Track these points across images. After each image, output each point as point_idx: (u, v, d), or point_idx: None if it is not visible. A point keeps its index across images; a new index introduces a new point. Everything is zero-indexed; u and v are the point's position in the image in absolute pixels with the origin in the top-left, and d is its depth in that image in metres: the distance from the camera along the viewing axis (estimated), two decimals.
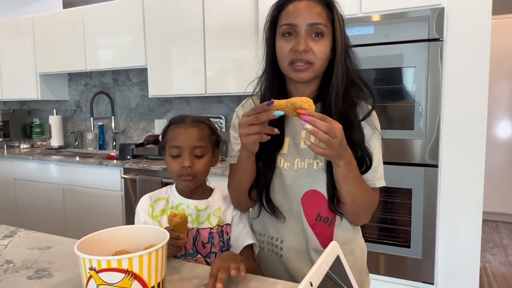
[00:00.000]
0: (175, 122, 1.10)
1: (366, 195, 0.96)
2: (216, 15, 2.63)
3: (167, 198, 1.13)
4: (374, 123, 0.99)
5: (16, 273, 0.95)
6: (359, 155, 0.95)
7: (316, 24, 0.92)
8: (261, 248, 1.08)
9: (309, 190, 0.99)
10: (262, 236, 1.08)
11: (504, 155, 4.08)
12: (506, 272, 2.98)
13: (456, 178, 1.92)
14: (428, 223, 1.96)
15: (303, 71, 0.94)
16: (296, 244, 1.02)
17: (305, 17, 0.92)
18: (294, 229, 1.02)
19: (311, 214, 1.00)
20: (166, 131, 1.11)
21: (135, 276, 0.69)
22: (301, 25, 0.92)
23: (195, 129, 1.08)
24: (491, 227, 4.01)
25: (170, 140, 1.08)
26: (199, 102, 3.17)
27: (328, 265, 0.51)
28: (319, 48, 0.92)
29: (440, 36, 1.86)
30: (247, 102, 1.13)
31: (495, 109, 4.04)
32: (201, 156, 1.07)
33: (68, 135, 3.85)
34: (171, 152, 1.07)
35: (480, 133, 1.86)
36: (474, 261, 1.91)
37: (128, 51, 3.01)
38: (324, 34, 0.93)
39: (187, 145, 1.06)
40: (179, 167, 1.05)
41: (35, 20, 3.41)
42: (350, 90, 0.97)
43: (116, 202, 2.82)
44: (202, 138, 1.08)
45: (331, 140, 0.80)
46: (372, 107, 0.99)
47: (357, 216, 1.01)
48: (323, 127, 0.79)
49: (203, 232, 1.08)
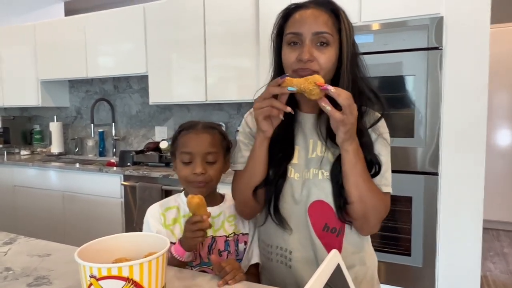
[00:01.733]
0: (186, 128, 1.09)
1: (374, 194, 0.94)
2: (217, 23, 2.65)
3: (177, 207, 1.11)
4: (381, 130, 0.99)
5: (15, 280, 0.95)
6: (368, 159, 0.94)
7: (321, 33, 0.91)
8: (270, 259, 1.05)
9: (315, 201, 0.97)
10: (270, 247, 1.05)
11: (504, 163, 4.08)
12: (507, 280, 2.96)
13: (456, 186, 1.91)
14: (429, 231, 1.95)
15: None
16: (305, 255, 0.99)
17: (310, 26, 0.91)
18: (302, 240, 0.99)
19: (318, 224, 0.98)
20: (176, 137, 1.10)
21: (136, 284, 0.69)
22: (306, 34, 0.91)
23: (207, 135, 1.07)
24: (492, 235, 3.99)
25: (182, 146, 1.06)
26: (199, 110, 3.18)
27: (328, 274, 0.51)
28: (324, 57, 0.91)
29: (440, 44, 1.88)
30: None
31: (495, 117, 4.05)
32: (213, 162, 1.06)
33: (69, 141, 3.86)
34: (183, 158, 1.05)
35: (480, 141, 1.86)
36: (475, 269, 1.90)
37: (129, 58, 3.02)
38: (329, 43, 0.92)
39: (199, 151, 1.04)
40: (191, 174, 1.04)
41: (37, 27, 3.43)
42: (357, 98, 0.93)
43: (116, 209, 2.81)
44: (214, 144, 1.06)
45: (352, 105, 0.82)
46: (381, 115, 0.98)
47: (365, 220, 0.96)
48: (344, 94, 0.83)
49: (219, 240, 1.07)
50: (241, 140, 1.09)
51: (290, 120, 0.99)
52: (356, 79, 0.95)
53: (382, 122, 0.99)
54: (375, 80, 2.01)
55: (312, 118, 1.01)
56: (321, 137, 0.98)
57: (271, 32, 1.01)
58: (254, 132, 1.05)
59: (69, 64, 3.30)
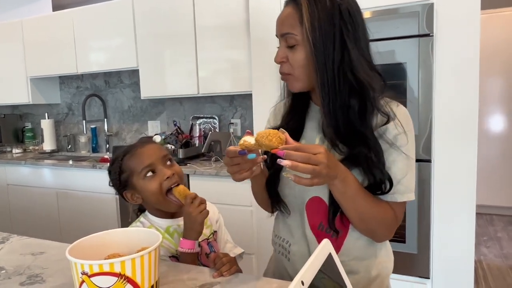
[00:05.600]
0: (127, 152, 1.07)
1: (376, 211, 0.86)
2: (207, 15, 2.62)
3: (152, 225, 1.09)
4: (397, 129, 0.87)
5: (8, 279, 0.94)
6: (372, 178, 0.85)
7: (286, 34, 0.86)
8: (276, 251, 1.05)
9: (313, 197, 0.93)
10: (276, 238, 1.05)
11: (497, 148, 4.11)
12: (501, 264, 3.00)
13: (449, 172, 1.93)
14: (423, 218, 1.97)
15: (287, 81, 0.91)
16: (301, 249, 0.97)
17: (278, 28, 0.88)
18: (299, 233, 0.97)
19: (314, 221, 0.94)
20: (120, 166, 1.07)
21: (128, 279, 0.69)
22: (278, 37, 0.89)
23: (150, 145, 1.09)
24: (486, 220, 4.04)
25: (137, 166, 1.04)
26: (192, 103, 3.16)
27: (320, 263, 0.51)
28: (294, 57, 0.86)
29: (431, 31, 1.87)
30: (279, 104, 1.07)
31: (487, 103, 4.07)
32: (171, 163, 1.08)
33: (61, 138, 3.83)
34: (145, 174, 1.03)
35: (473, 127, 1.87)
36: (469, 254, 1.92)
37: (119, 53, 2.99)
38: (297, 42, 0.84)
39: (157, 158, 1.05)
40: (163, 181, 1.02)
41: (24, 24, 3.37)
42: (353, 95, 0.84)
43: (110, 205, 2.80)
44: (162, 149, 1.09)
45: (316, 168, 0.72)
46: (388, 119, 0.86)
47: (371, 233, 0.91)
48: (300, 158, 0.71)
49: (203, 244, 1.08)
50: None
51: (303, 110, 0.97)
52: (344, 72, 0.83)
53: (400, 115, 0.89)
54: None
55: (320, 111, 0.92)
56: (327, 136, 0.89)
57: None
58: None
59: (59, 60, 3.25)
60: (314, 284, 0.48)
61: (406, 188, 0.88)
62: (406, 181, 0.87)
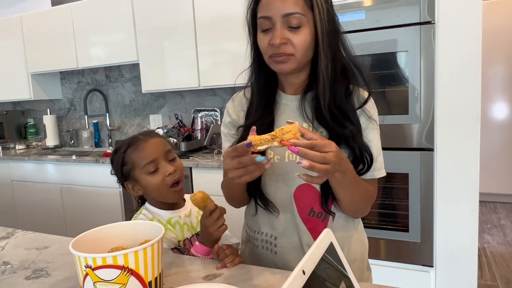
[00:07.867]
0: (130, 145, 1.07)
1: (364, 193, 0.92)
2: (206, 7, 2.60)
3: (153, 218, 1.08)
4: (370, 111, 0.94)
5: (13, 274, 0.95)
6: (358, 154, 0.90)
7: (291, 14, 0.84)
8: (256, 246, 1.04)
9: (302, 184, 0.94)
10: (257, 234, 1.04)
11: (499, 136, 4.09)
12: (504, 251, 3.01)
13: (452, 161, 1.92)
14: (426, 206, 1.97)
15: (283, 62, 0.89)
16: (290, 240, 0.98)
17: (279, 8, 0.85)
18: (288, 225, 0.97)
19: (304, 209, 0.95)
20: (123, 158, 1.07)
21: (132, 272, 0.69)
22: (276, 17, 0.86)
23: (155, 139, 1.08)
24: (489, 208, 4.04)
25: (139, 160, 1.04)
26: (193, 96, 3.16)
27: (321, 252, 0.51)
28: (298, 38, 0.86)
29: (432, 19, 1.85)
30: (237, 96, 1.09)
31: (490, 91, 4.04)
32: (174, 159, 1.08)
33: (63, 134, 3.84)
34: (148, 169, 1.04)
35: (475, 115, 1.86)
36: (472, 242, 1.92)
37: (119, 47, 2.98)
38: (302, 23, 0.85)
39: (160, 153, 1.05)
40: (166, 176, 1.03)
41: (24, 19, 3.36)
42: (342, 77, 0.91)
43: (114, 199, 2.82)
44: (165, 144, 1.09)
45: (328, 168, 0.72)
46: (369, 95, 0.94)
47: (355, 213, 0.98)
48: (317, 158, 0.71)
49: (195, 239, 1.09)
50: (223, 131, 1.06)
51: (270, 101, 0.98)
52: (337, 56, 0.90)
53: (370, 102, 0.95)
54: (368, 58, 1.99)
55: (296, 99, 0.97)
56: (307, 118, 0.93)
57: (245, 16, 0.97)
58: (235, 122, 1.03)
59: (59, 56, 3.25)
60: (317, 273, 0.48)
61: (381, 165, 0.96)
62: (381, 158, 0.96)
